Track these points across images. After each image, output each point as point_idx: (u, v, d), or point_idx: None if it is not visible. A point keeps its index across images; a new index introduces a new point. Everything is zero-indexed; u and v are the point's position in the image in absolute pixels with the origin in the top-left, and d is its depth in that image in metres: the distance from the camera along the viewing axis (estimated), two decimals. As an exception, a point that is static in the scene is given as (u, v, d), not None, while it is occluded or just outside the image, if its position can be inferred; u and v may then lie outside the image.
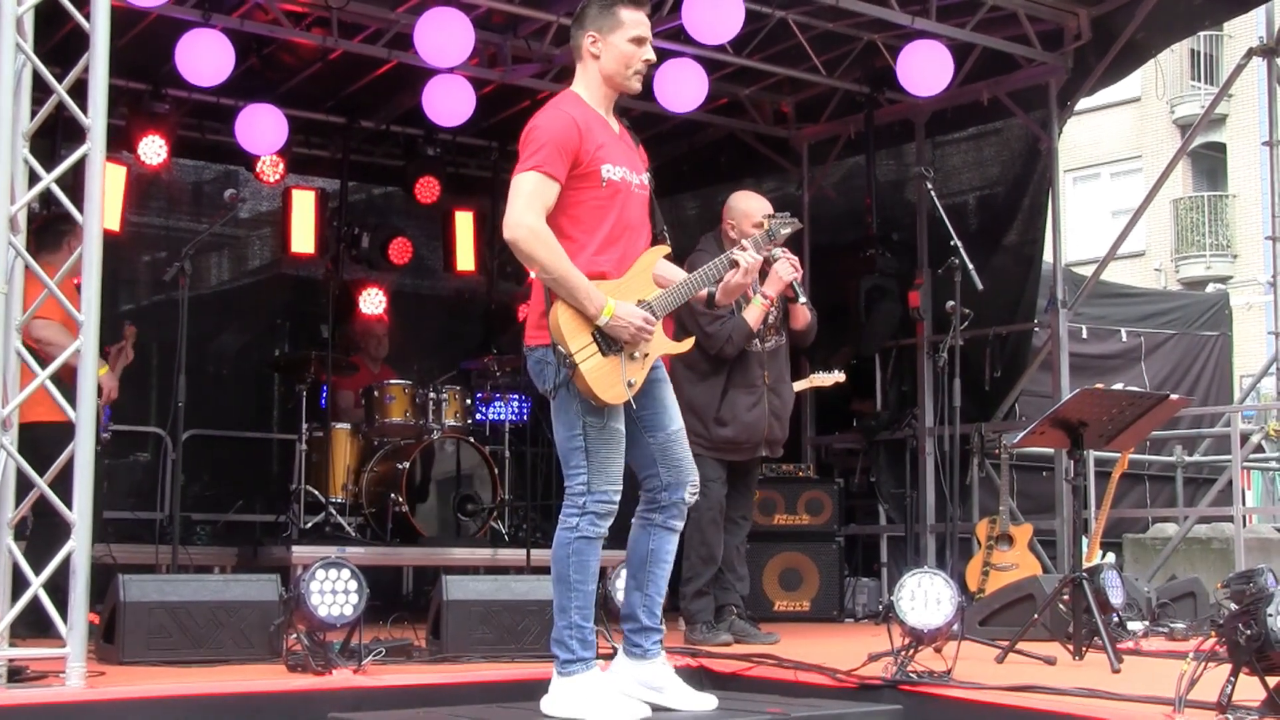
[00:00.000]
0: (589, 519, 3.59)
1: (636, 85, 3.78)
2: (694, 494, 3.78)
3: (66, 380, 3.99)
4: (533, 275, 3.69)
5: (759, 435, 5.55)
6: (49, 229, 5.30)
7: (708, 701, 3.71)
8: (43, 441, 4.10)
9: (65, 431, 3.81)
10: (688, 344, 4.03)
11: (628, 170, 3.72)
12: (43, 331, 4.84)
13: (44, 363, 3.97)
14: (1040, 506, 8.14)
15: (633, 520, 3.80)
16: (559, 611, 3.61)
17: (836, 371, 6.59)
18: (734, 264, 3.91)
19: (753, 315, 5.36)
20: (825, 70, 7.89)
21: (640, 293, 3.69)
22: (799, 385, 6.14)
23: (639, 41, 3.71)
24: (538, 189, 3.56)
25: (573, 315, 3.56)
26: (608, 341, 3.59)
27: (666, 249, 3.84)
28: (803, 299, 5.28)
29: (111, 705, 3.65)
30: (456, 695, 4.04)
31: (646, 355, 3.67)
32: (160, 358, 7.72)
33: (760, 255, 4.03)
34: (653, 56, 3.78)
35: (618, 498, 3.63)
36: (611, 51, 3.70)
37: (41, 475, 3.79)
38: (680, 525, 3.78)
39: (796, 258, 4.99)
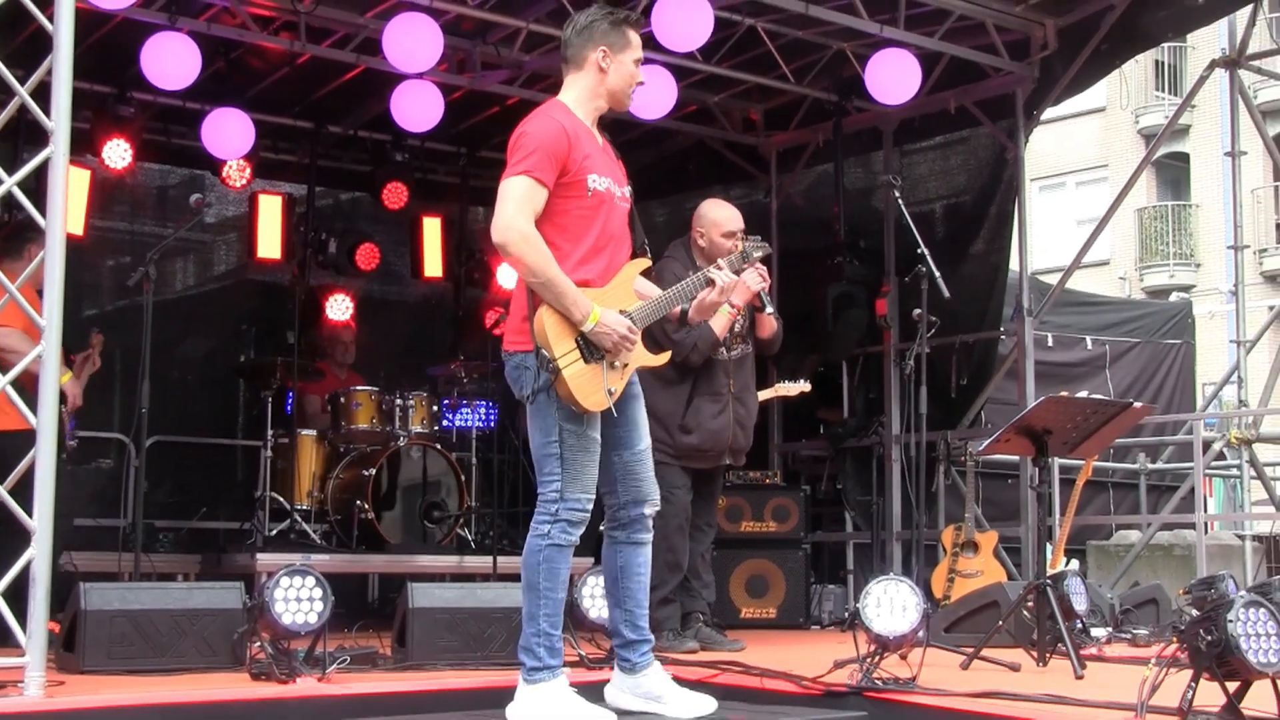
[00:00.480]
0: (561, 526, 3.59)
1: (630, 104, 3.86)
2: (654, 509, 3.80)
3: (29, 388, 3.94)
4: (498, 281, 3.70)
5: (723, 443, 5.56)
6: (14, 237, 5.24)
7: (707, 704, 3.72)
8: (9, 453, 4.05)
9: (31, 440, 3.76)
10: (664, 356, 4.03)
11: (612, 182, 3.75)
12: (2, 340, 4.78)
13: (5, 371, 3.92)
14: (1005, 513, 8.19)
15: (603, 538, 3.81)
16: (527, 618, 3.60)
17: (802, 381, 6.62)
18: (710, 282, 3.94)
19: (719, 324, 5.37)
20: (794, 78, 7.91)
21: (621, 303, 3.71)
22: (764, 394, 6.14)
23: (637, 63, 3.80)
24: (528, 194, 3.57)
25: (557, 321, 3.57)
26: (590, 349, 3.60)
27: (648, 262, 3.87)
28: (770, 309, 5.30)
29: (71, 715, 3.60)
30: (422, 704, 4.02)
31: (626, 365, 3.69)
32: (124, 363, 7.62)
33: (735, 276, 4.08)
34: (644, 79, 3.86)
35: (590, 506, 3.64)
36: (621, 70, 3.77)
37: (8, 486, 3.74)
38: (648, 537, 3.80)
39: (765, 268, 5.00)
